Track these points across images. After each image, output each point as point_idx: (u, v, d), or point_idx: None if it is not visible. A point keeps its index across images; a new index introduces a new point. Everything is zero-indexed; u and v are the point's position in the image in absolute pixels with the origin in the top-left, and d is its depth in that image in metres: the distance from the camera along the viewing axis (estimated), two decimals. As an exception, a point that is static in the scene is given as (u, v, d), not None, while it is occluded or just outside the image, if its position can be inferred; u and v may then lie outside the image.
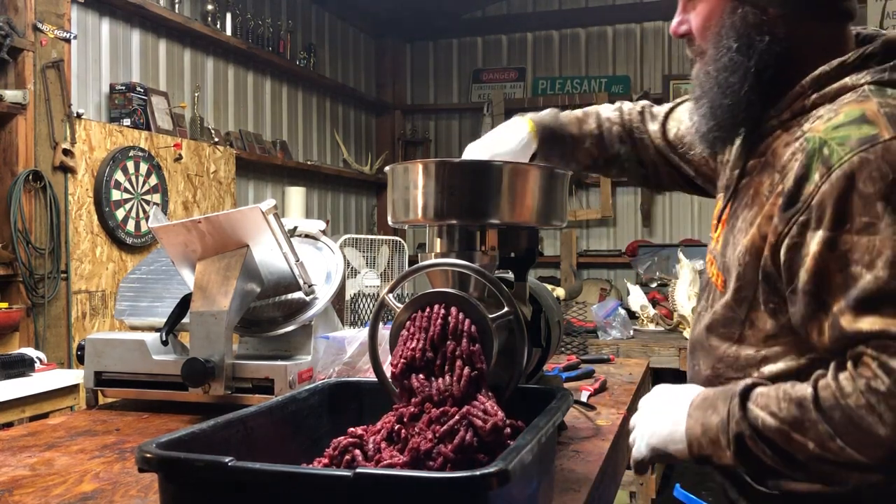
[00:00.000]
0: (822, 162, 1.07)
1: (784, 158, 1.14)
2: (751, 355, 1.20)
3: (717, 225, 1.31)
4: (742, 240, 1.19)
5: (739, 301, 1.20)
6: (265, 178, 5.89)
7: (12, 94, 3.57)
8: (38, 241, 3.68)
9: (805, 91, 1.18)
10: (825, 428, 1.02)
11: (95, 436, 1.62)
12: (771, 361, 1.18)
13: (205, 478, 0.87)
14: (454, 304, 1.16)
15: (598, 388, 2.07)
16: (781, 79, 1.21)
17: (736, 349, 1.22)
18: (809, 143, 1.10)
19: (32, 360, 2.98)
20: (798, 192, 1.08)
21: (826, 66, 1.17)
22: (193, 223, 1.74)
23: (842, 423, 1.01)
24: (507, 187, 1.26)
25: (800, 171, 1.09)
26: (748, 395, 1.11)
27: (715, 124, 1.25)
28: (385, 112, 7.60)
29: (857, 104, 1.10)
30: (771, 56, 1.19)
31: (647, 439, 1.19)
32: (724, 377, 1.24)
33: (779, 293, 1.15)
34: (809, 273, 1.06)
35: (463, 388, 1.09)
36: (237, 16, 5.40)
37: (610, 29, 7.19)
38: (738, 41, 1.20)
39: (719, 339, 1.25)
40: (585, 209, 7.08)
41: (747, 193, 1.22)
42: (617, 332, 4.12)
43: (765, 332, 1.18)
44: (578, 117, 1.66)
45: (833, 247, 1.04)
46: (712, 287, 1.30)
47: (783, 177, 1.12)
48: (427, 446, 1.02)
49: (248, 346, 1.93)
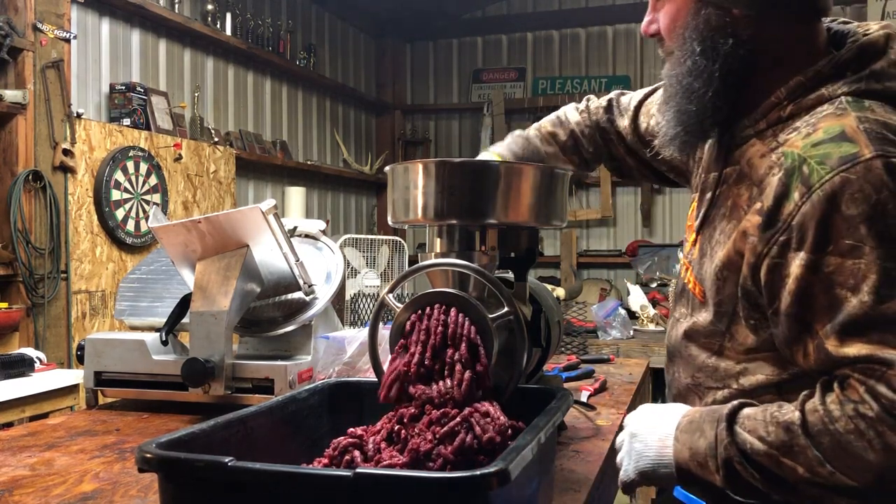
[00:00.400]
0: (801, 181, 1.05)
1: (761, 171, 1.12)
2: (730, 366, 1.19)
3: (692, 229, 1.30)
4: (719, 253, 1.17)
5: (720, 315, 1.19)
6: (265, 178, 5.89)
7: (12, 94, 3.57)
8: (38, 241, 3.68)
9: (781, 101, 1.16)
10: (814, 453, 1.01)
11: (95, 436, 1.62)
12: (750, 373, 1.17)
13: (205, 478, 0.87)
14: (454, 304, 1.16)
15: (598, 388, 2.07)
16: (751, 82, 1.18)
17: (715, 360, 1.21)
18: (787, 158, 1.08)
19: (32, 360, 2.98)
20: (778, 211, 1.07)
21: (801, 75, 1.14)
22: (193, 223, 1.74)
23: (831, 449, 1.00)
24: (507, 187, 1.26)
25: (779, 189, 1.07)
26: (735, 417, 1.09)
27: (682, 129, 1.23)
28: (385, 112, 7.60)
29: (835, 119, 1.08)
30: (735, 59, 1.16)
31: (635, 463, 1.17)
32: (703, 386, 1.24)
33: (759, 310, 1.13)
34: (792, 295, 1.05)
35: (464, 391, 1.09)
36: (237, 16, 5.40)
37: (610, 29, 7.19)
38: (701, 44, 1.17)
39: (699, 348, 1.24)
40: (585, 209, 7.07)
41: (725, 204, 1.20)
42: (617, 332, 4.12)
43: (745, 345, 1.17)
44: (550, 132, 1.65)
45: (816, 269, 1.03)
46: (690, 294, 1.28)
47: (761, 191, 1.11)
48: (427, 447, 1.02)
49: (248, 346, 1.93)
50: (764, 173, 1.11)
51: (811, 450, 1.01)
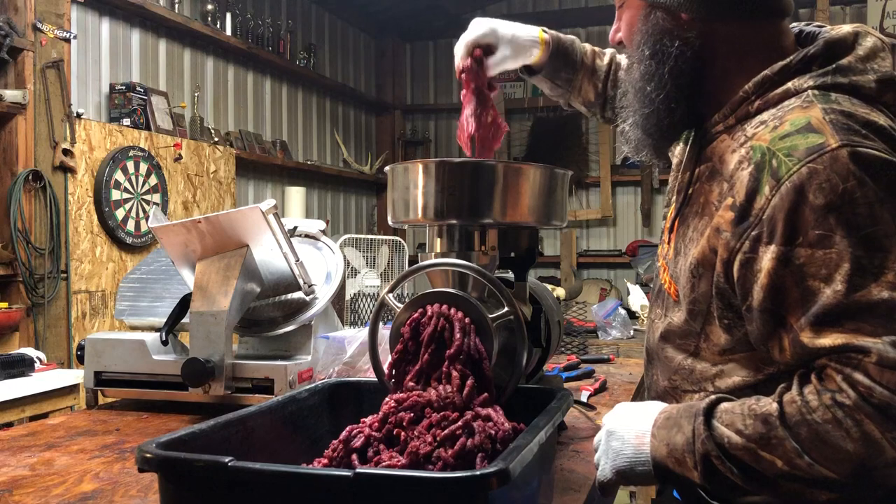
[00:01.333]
0: (771, 174, 1.05)
1: (731, 166, 1.12)
2: (706, 369, 1.18)
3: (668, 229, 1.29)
4: (692, 250, 1.17)
5: (694, 314, 1.18)
6: (265, 178, 5.89)
7: (12, 94, 3.57)
8: (38, 241, 3.68)
9: (749, 96, 1.16)
10: (792, 445, 0.99)
11: (95, 436, 1.62)
12: (726, 376, 1.16)
13: (205, 478, 0.87)
14: (454, 304, 1.16)
15: (598, 388, 2.07)
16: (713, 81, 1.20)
17: (691, 362, 1.20)
18: (756, 152, 1.08)
19: (32, 360, 2.98)
20: (750, 206, 1.07)
21: (769, 70, 1.15)
22: (193, 223, 1.74)
23: (809, 439, 0.99)
24: (506, 187, 1.26)
25: (751, 183, 1.07)
26: (713, 412, 1.07)
27: (642, 133, 1.24)
28: (385, 112, 7.60)
29: (801, 111, 1.08)
30: (685, 61, 1.18)
31: (612, 461, 1.14)
32: (680, 389, 1.23)
33: (733, 309, 1.13)
34: (765, 289, 1.05)
35: (465, 396, 1.09)
36: (237, 16, 5.40)
37: (610, 29, 7.18)
38: (651, 48, 1.19)
39: (675, 349, 1.23)
40: (585, 209, 7.08)
41: (697, 201, 1.20)
42: (617, 332, 4.12)
43: (720, 346, 1.16)
44: (595, 50, 1.67)
45: (787, 262, 1.02)
46: (665, 294, 1.27)
47: (731, 186, 1.11)
48: (426, 450, 1.02)
49: (248, 346, 1.93)
50: (734, 168, 1.12)
51: (789, 441, 1.00)
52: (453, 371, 1.11)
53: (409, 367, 1.16)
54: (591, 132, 7.06)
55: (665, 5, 1.19)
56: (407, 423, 1.08)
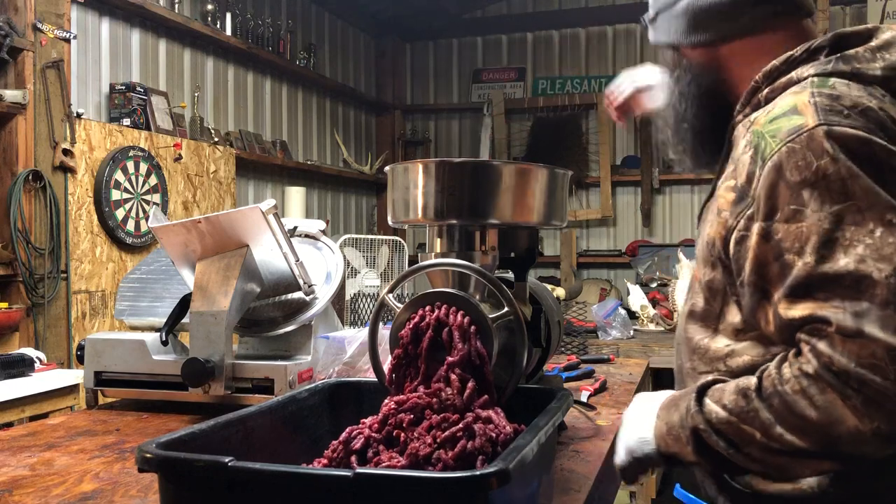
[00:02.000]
0: (760, 156, 1.10)
1: (739, 151, 1.18)
2: (719, 349, 1.21)
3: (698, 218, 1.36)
4: (706, 231, 1.22)
5: (713, 294, 1.22)
6: (265, 178, 5.89)
7: (12, 94, 3.57)
8: (37, 241, 3.68)
9: (759, 86, 1.22)
10: (766, 415, 1.03)
11: (95, 436, 1.62)
12: (737, 355, 1.19)
13: (205, 478, 0.87)
14: (454, 304, 1.16)
15: (598, 388, 2.07)
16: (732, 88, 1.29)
17: (707, 342, 1.24)
18: (754, 136, 1.14)
19: (32, 360, 2.98)
20: (748, 186, 1.12)
21: (776, 60, 1.21)
22: (193, 223, 1.74)
23: (779, 410, 1.02)
24: (506, 187, 1.26)
25: (750, 166, 1.12)
26: (706, 390, 1.12)
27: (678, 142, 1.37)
28: (385, 112, 7.60)
29: (792, 95, 1.14)
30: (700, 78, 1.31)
31: (625, 444, 1.20)
32: (696, 371, 1.26)
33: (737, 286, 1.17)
34: (751, 264, 1.10)
35: (466, 399, 1.09)
36: (237, 16, 5.40)
37: (610, 29, 7.19)
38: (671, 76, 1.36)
39: (696, 330, 1.27)
40: (585, 209, 7.07)
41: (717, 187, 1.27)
42: (617, 332, 4.12)
43: (734, 325, 1.20)
44: None
45: (768, 237, 1.07)
46: (693, 281, 1.32)
47: (735, 169, 1.16)
48: (426, 451, 1.02)
49: (248, 346, 1.93)
50: (741, 153, 1.17)
51: (764, 412, 1.03)
52: (453, 375, 1.11)
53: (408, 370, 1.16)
54: (591, 132, 7.06)
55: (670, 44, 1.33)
56: (407, 424, 1.08)
